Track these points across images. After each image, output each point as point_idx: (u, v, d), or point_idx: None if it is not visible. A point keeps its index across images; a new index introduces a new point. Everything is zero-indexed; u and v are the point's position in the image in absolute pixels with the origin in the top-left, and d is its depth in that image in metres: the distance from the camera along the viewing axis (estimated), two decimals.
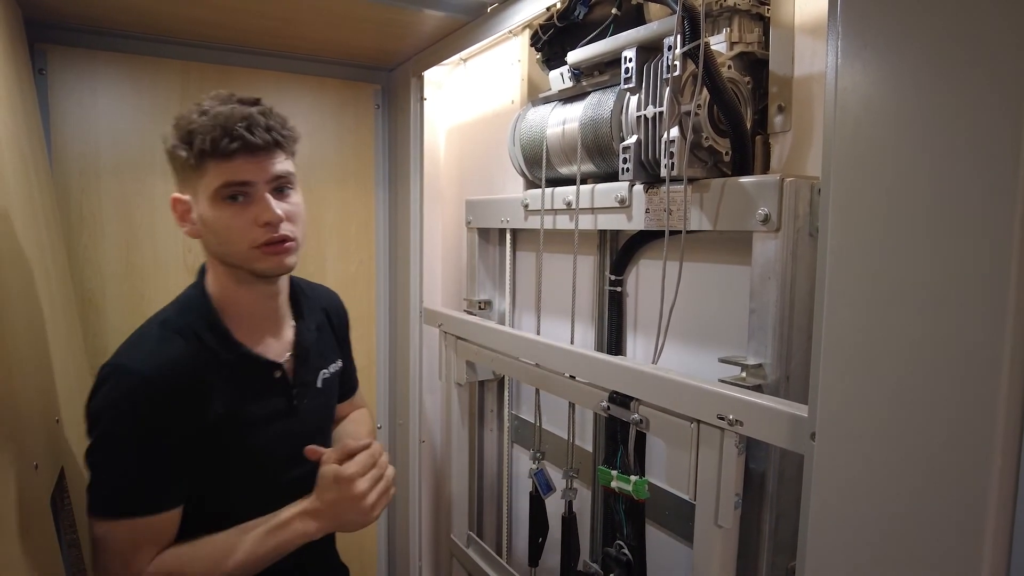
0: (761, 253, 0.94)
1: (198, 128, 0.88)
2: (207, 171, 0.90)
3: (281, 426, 1.02)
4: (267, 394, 1.01)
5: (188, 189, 0.94)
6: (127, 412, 0.88)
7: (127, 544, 0.89)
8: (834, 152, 0.66)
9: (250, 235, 0.92)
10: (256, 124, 0.90)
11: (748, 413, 0.85)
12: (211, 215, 0.92)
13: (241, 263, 0.95)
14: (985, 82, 0.55)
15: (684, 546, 1.21)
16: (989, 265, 0.55)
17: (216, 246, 0.95)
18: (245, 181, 0.91)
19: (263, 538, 0.94)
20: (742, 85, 1.03)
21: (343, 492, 0.95)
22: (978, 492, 0.57)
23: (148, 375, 0.88)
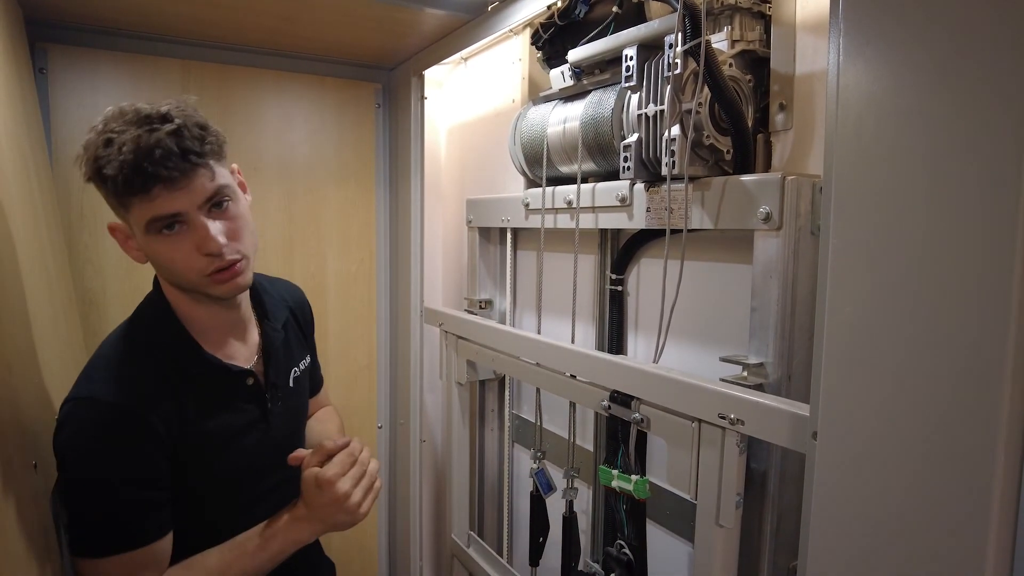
0: (762, 252, 0.93)
1: (107, 166, 0.79)
2: (131, 206, 0.82)
3: (258, 433, 0.99)
4: (241, 404, 0.97)
5: (121, 218, 0.88)
6: (100, 447, 0.82)
7: None
8: (836, 150, 0.66)
9: (196, 265, 0.86)
10: (170, 153, 0.80)
11: (749, 412, 0.85)
12: (150, 248, 0.86)
13: (194, 288, 0.89)
14: (987, 79, 0.55)
15: (685, 545, 1.21)
16: (991, 263, 0.55)
17: (168, 275, 0.90)
18: (174, 213, 0.83)
19: (257, 550, 0.92)
20: (743, 83, 1.02)
21: (327, 495, 0.92)
22: (981, 490, 0.56)
23: (116, 403, 0.83)
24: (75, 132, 1.61)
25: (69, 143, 1.60)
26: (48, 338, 1.13)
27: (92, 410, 0.83)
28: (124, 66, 1.66)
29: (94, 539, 0.84)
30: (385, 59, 1.91)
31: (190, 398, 0.90)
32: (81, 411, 0.83)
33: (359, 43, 1.75)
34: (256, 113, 1.82)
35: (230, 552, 0.92)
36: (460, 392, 1.66)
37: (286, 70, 1.86)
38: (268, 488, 1.00)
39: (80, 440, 0.82)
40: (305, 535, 0.95)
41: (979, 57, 0.55)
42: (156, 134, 0.80)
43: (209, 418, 0.92)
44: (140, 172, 0.78)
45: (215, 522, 0.95)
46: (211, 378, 0.93)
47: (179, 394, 0.89)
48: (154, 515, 0.87)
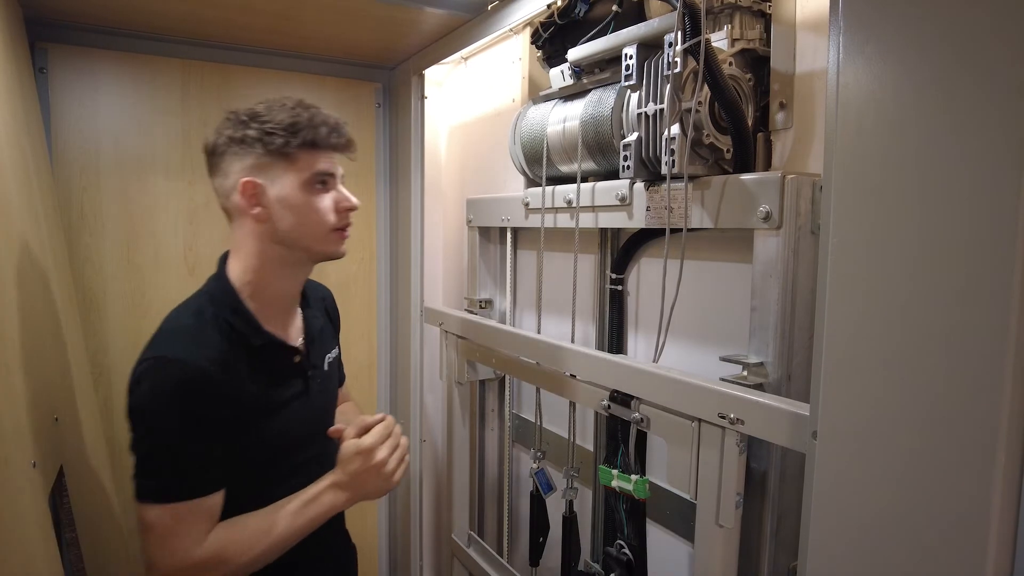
0: (762, 251, 0.93)
1: (301, 121, 0.98)
2: (298, 160, 0.99)
3: (299, 407, 1.08)
4: (289, 377, 1.07)
5: (265, 175, 0.99)
6: (175, 400, 0.91)
7: (180, 527, 0.92)
8: (835, 149, 0.66)
9: (330, 219, 1.02)
10: (341, 127, 1.03)
11: (749, 412, 0.85)
12: (299, 198, 1.00)
13: (311, 244, 1.03)
14: (986, 78, 0.55)
15: (686, 545, 1.21)
16: (991, 262, 0.54)
17: (293, 226, 1.01)
18: (331, 172, 1.03)
19: (297, 513, 1.00)
20: (743, 82, 1.02)
21: (366, 462, 1.02)
22: (981, 490, 0.56)
23: (192, 364, 0.92)
24: (75, 131, 1.61)
25: (69, 142, 1.61)
26: (47, 338, 1.13)
27: (169, 366, 0.92)
28: (124, 66, 1.66)
29: (159, 486, 0.92)
30: (385, 58, 1.91)
31: (249, 367, 1.00)
32: (159, 367, 0.92)
33: (359, 42, 1.75)
34: None
35: (273, 514, 0.99)
36: (460, 392, 1.66)
37: (286, 69, 1.86)
38: (306, 459, 1.09)
39: (156, 393, 0.91)
40: (342, 500, 1.03)
41: (978, 56, 0.55)
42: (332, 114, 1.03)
43: (263, 386, 1.02)
44: (334, 129, 1.01)
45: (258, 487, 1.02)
46: (267, 351, 1.03)
47: (240, 362, 0.99)
48: (213, 470, 0.95)
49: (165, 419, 0.91)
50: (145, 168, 1.69)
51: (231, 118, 1.00)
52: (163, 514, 0.91)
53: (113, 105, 1.65)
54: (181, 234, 1.75)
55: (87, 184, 1.63)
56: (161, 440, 0.92)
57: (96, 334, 1.65)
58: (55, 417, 1.06)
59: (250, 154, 0.98)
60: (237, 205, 1.00)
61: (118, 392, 1.69)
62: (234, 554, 0.95)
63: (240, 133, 0.98)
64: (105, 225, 1.66)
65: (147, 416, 0.92)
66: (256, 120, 0.98)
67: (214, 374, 0.93)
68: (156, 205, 1.71)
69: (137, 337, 1.70)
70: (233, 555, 0.94)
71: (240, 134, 0.98)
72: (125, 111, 1.67)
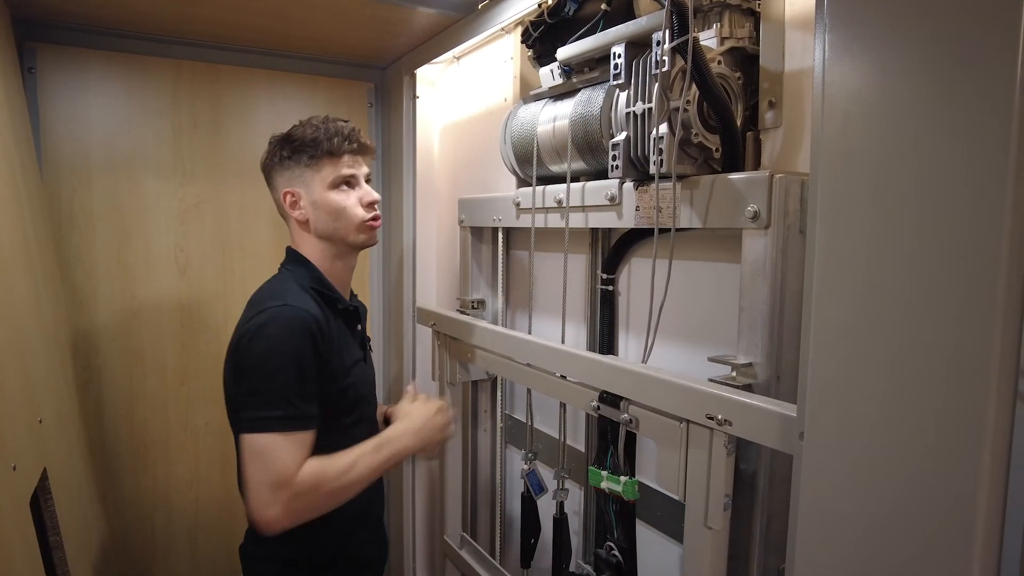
0: (751, 250, 0.92)
1: (321, 136, 1.18)
2: (323, 167, 1.19)
3: (362, 369, 1.26)
4: (355, 341, 1.27)
5: (299, 183, 1.21)
6: (301, 338, 1.07)
7: (290, 454, 1.05)
8: (822, 148, 0.65)
9: (359, 212, 1.21)
10: (356, 134, 1.22)
11: (737, 413, 0.84)
12: (328, 198, 1.20)
13: (346, 236, 1.22)
14: (973, 77, 0.54)
15: (676, 547, 1.20)
16: (978, 262, 0.54)
17: (328, 223, 1.21)
18: (353, 174, 1.22)
19: (375, 451, 1.15)
20: (732, 81, 1.01)
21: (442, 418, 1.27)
22: (967, 491, 0.56)
23: (310, 312, 1.10)
24: (65, 132, 1.60)
25: (59, 143, 1.60)
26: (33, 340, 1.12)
27: (291, 310, 1.09)
28: (115, 65, 1.65)
29: (283, 417, 1.05)
30: (377, 58, 1.90)
31: (335, 325, 1.18)
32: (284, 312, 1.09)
33: (351, 42, 1.75)
34: (248, 112, 1.82)
35: (356, 451, 1.13)
36: (453, 392, 1.65)
37: (278, 69, 1.85)
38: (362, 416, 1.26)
39: (284, 331, 1.07)
40: (410, 445, 1.21)
41: (963, 54, 0.55)
42: (349, 124, 1.22)
43: (343, 343, 1.20)
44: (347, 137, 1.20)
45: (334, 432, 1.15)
46: (345, 315, 1.24)
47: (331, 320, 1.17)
48: (315, 407, 1.10)
49: (289, 355, 1.06)
50: (135, 169, 1.69)
51: (272, 143, 1.23)
52: (274, 441, 1.04)
53: (103, 105, 1.65)
54: (172, 234, 1.74)
55: (77, 184, 1.62)
56: (285, 375, 1.06)
57: (86, 335, 1.64)
58: (39, 419, 1.05)
59: (287, 169, 1.21)
60: (285, 211, 1.23)
61: (110, 392, 1.68)
62: (324, 481, 1.07)
63: (278, 155, 1.21)
64: (95, 226, 1.65)
65: (273, 355, 1.06)
66: (288, 142, 1.20)
67: (320, 323, 1.11)
68: (147, 206, 1.71)
69: (127, 338, 1.70)
70: (324, 482, 1.07)
71: (278, 155, 1.21)
72: (115, 111, 1.66)
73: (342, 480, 1.09)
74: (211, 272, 1.80)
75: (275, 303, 1.10)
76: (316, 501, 1.08)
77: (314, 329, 1.09)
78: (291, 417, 1.06)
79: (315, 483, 1.06)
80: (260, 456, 1.04)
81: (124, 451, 1.70)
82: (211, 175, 1.78)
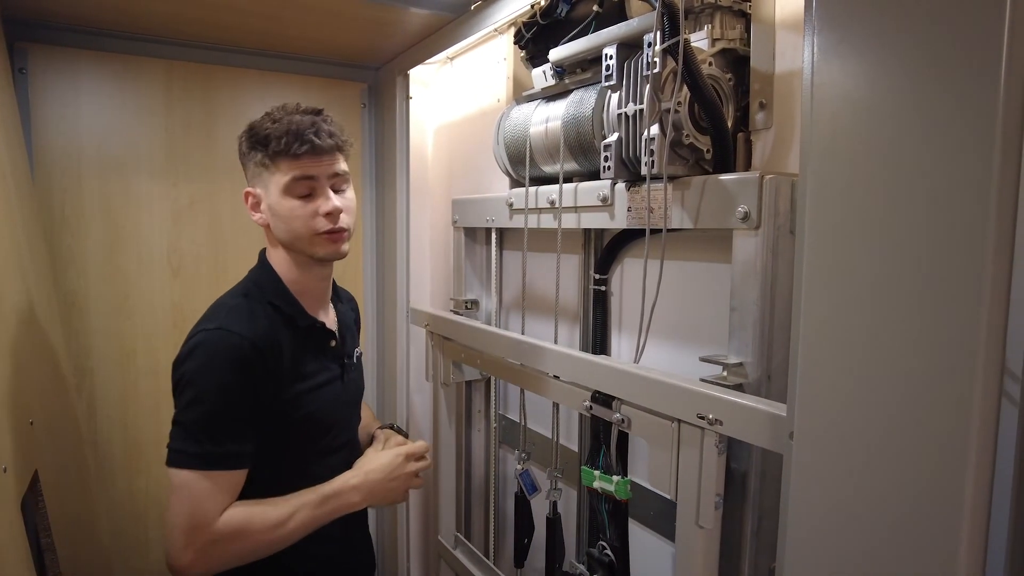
0: (741, 251, 0.93)
1: (272, 132, 1.03)
2: (279, 168, 1.04)
3: (335, 391, 1.15)
4: (327, 361, 1.15)
5: (260, 184, 1.08)
6: (223, 369, 0.97)
7: (209, 495, 0.96)
8: (811, 149, 0.66)
9: (315, 224, 1.06)
10: (320, 130, 1.05)
11: (727, 412, 0.85)
12: (282, 205, 1.05)
13: (304, 248, 1.08)
14: (958, 79, 0.54)
15: (669, 546, 1.21)
16: (965, 262, 0.54)
17: (284, 232, 1.07)
18: (311, 176, 1.05)
19: (318, 504, 1.05)
20: (723, 82, 1.02)
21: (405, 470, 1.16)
22: (954, 490, 0.56)
23: (241, 335, 0.99)
24: (57, 133, 1.59)
25: (51, 144, 1.59)
26: (24, 341, 1.12)
27: (224, 335, 0.99)
28: (107, 66, 1.64)
29: (193, 452, 0.97)
30: (370, 59, 1.90)
31: (292, 346, 1.07)
32: (214, 337, 0.99)
33: (344, 42, 1.75)
34: (241, 113, 1.81)
35: (294, 500, 1.04)
36: (447, 393, 1.66)
37: (271, 70, 1.85)
38: (341, 443, 1.17)
39: (206, 362, 0.98)
40: (359, 501, 1.11)
41: (949, 56, 0.55)
42: (311, 117, 1.06)
43: (304, 364, 1.09)
44: (297, 137, 1.02)
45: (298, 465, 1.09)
46: (310, 332, 1.11)
47: (284, 341, 1.06)
48: (246, 446, 1.00)
49: (211, 387, 0.97)
50: (128, 170, 1.68)
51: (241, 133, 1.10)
52: (192, 480, 0.95)
53: (95, 106, 1.64)
54: (165, 236, 1.74)
55: (69, 185, 1.62)
56: (206, 407, 0.97)
57: (79, 336, 1.64)
58: (30, 421, 1.04)
59: (248, 165, 1.09)
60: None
61: (101, 395, 1.68)
62: (250, 533, 0.98)
63: (242, 147, 1.09)
64: (88, 227, 1.64)
65: (195, 384, 0.97)
66: (248, 133, 1.07)
67: (261, 347, 1.00)
68: (139, 207, 1.70)
69: (121, 339, 1.69)
70: (248, 533, 0.98)
71: (242, 148, 1.09)
72: (107, 112, 1.65)
73: (272, 534, 1.00)
74: (204, 273, 1.79)
75: (210, 324, 1.01)
76: (237, 552, 0.99)
77: (250, 357, 0.99)
78: (210, 455, 0.96)
79: (237, 532, 0.97)
80: (177, 494, 0.96)
81: (117, 453, 1.69)
82: (204, 176, 1.78)
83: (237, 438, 0.99)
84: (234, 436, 0.99)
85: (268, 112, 1.07)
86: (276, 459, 1.06)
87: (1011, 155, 0.52)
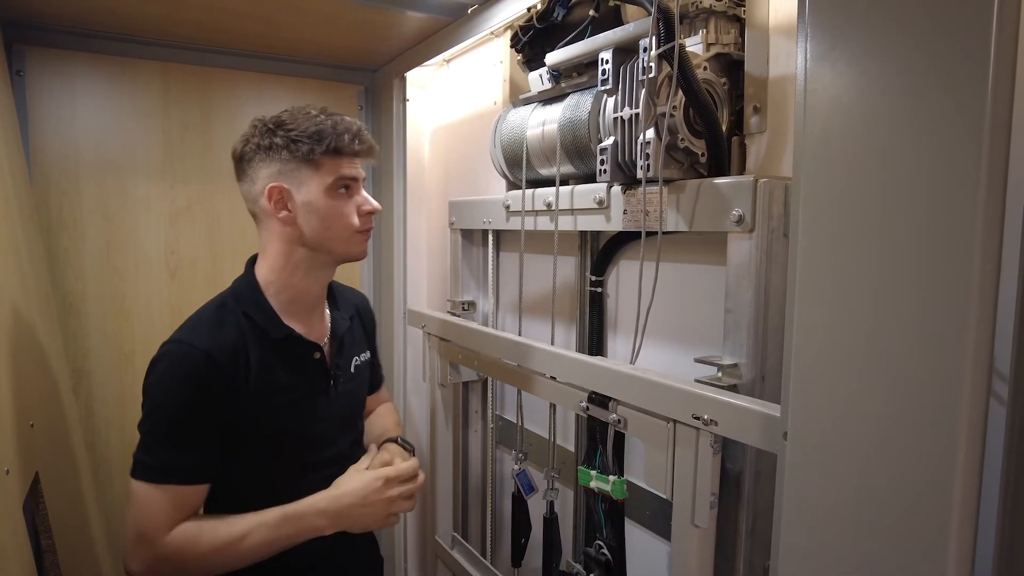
0: (736, 253, 0.94)
1: (326, 130, 1.02)
2: (323, 166, 1.03)
3: (318, 405, 1.11)
4: (308, 374, 1.10)
5: (292, 180, 1.03)
6: (180, 383, 0.96)
7: (158, 508, 0.95)
8: (804, 153, 0.67)
9: (353, 221, 1.07)
10: (363, 133, 1.07)
11: (722, 413, 0.86)
12: (325, 202, 1.04)
13: (335, 247, 1.07)
14: (950, 83, 0.56)
15: (665, 545, 1.22)
16: (954, 264, 0.55)
17: (317, 231, 1.05)
18: (354, 177, 1.06)
19: (276, 525, 1.00)
20: (718, 86, 1.03)
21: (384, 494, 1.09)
22: (944, 488, 0.57)
23: (201, 349, 0.97)
24: (54, 135, 1.60)
25: (48, 146, 1.59)
26: (23, 343, 1.12)
27: (184, 349, 0.97)
28: (104, 68, 1.65)
29: (148, 464, 0.95)
30: (367, 61, 1.91)
31: (265, 360, 1.03)
32: (174, 350, 0.98)
33: (340, 45, 1.75)
34: (237, 115, 1.82)
35: (254, 519, 0.99)
36: (443, 394, 1.67)
37: (267, 72, 1.85)
38: (328, 457, 1.12)
39: (165, 374, 0.97)
40: (324, 526, 1.04)
41: (941, 62, 0.56)
42: (355, 121, 1.07)
43: (276, 378, 1.04)
44: (355, 137, 1.04)
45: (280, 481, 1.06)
46: (286, 344, 1.07)
47: (255, 354, 1.02)
48: (205, 461, 0.98)
49: (167, 400, 0.96)
50: (125, 171, 1.68)
51: (257, 125, 1.04)
52: (145, 491, 0.94)
53: (92, 108, 1.64)
54: (163, 238, 1.74)
55: (66, 187, 1.62)
56: (160, 420, 0.96)
57: (76, 338, 1.64)
58: (31, 423, 1.05)
59: (276, 160, 1.02)
60: (264, 209, 1.04)
61: (99, 396, 1.68)
62: (198, 550, 0.95)
63: (267, 141, 1.02)
64: (85, 229, 1.65)
65: (153, 395, 0.97)
66: (282, 128, 1.02)
67: (222, 362, 0.97)
68: (137, 208, 1.70)
69: (118, 341, 1.69)
70: (196, 551, 0.95)
71: (268, 142, 1.02)
72: (105, 114, 1.66)
73: (224, 554, 0.97)
74: (202, 275, 1.80)
75: (175, 337, 1.00)
76: (186, 568, 0.96)
77: (203, 371, 0.96)
78: (161, 467, 0.95)
79: (183, 548, 0.95)
80: (133, 502, 0.95)
81: (115, 454, 1.69)
82: (201, 177, 1.78)
83: (191, 452, 0.97)
84: (188, 450, 0.97)
85: (292, 111, 1.05)
86: (253, 476, 1.04)
87: (998, 158, 0.53)
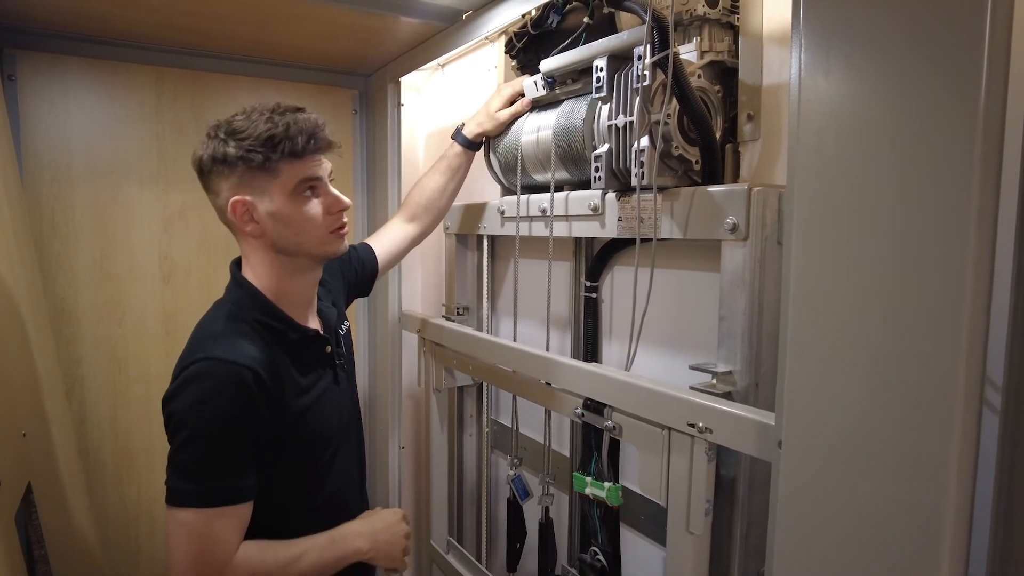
0: (730, 261, 0.94)
1: (278, 134, 0.96)
2: (281, 172, 0.98)
3: (332, 396, 1.11)
4: (322, 368, 1.10)
5: (253, 191, 0.98)
6: (235, 401, 0.92)
7: (223, 534, 0.92)
8: (797, 162, 0.67)
9: (324, 222, 1.02)
10: (320, 129, 1.00)
11: (717, 421, 0.86)
12: (289, 209, 0.99)
13: (312, 250, 1.04)
14: (944, 92, 0.56)
15: (660, 551, 1.22)
16: (946, 273, 0.56)
17: (290, 238, 1.01)
18: (317, 176, 1.01)
19: (325, 547, 1.03)
20: (712, 94, 1.03)
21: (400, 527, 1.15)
22: (937, 496, 0.57)
23: (240, 363, 0.93)
24: (46, 140, 1.59)
25: (40, 151, 1.59)
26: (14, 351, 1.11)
27: (227, 367, 0.92)
28: (96, 73, 1.64)
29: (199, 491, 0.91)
30: (361, 66, 1.91)
31: (288, 361, 1.02)
32: (203, 369, 0.92)
33: (335, 50, 1.75)
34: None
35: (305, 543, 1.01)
36: (438, 398, 1.66)
37: (261, 76, 1.85)
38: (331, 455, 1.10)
39: (202, 393, 0.91)
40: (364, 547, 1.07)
41: (933, 70, 0.56)
42: (308, 115, 1.00)
43: (298, 381, 1.03)
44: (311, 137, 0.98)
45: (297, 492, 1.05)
46: (303, 343, 1.06)
47: (280, 359, 1.00)
48: (249, 477, 0.95)
49: (208, 423, 0.91)
50: (118, 176, 1.68)
51: (211, 134, 1.00)
52: (198, 520, 0.90)
53: (85, 112, 1.64)
54: (156, 242, 1.74)
55: (58, 192, 1.61)
56: (202, 446, 0.91)
57: (69, 344, 1.63)
58: (23, 432, 1.04)
59: (234, 172, 0.98)
60: (232, 223, 1.01)
61: (92, 403, 1.67)
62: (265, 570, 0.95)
63: (221, 152, 0.97)
64: (77, 234, 1.64)
65: (188, 422, 0.91)
66: (234, 137, 0.97)
67: (263, 375, 0.94)
68: (130, 213, 1.70)
69: (111, 347, 1.69)
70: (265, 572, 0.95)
71: (221, 153, 0.97)
72: (97, 118, 1.65)
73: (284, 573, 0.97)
74: (195, 279, 1.79)
75: (203, 354, 0.93)
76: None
77: (251, 386, 0.93)
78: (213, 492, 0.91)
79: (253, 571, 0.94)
80: (180, 532, 0.90)
81: (108, 461, 1.69)
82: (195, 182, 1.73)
83: (240, 471, 0.94)
84: (237, 470, 0.93)
85: (245, 112, 0.99)
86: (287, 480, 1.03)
87: (991, 167, 0.54)
